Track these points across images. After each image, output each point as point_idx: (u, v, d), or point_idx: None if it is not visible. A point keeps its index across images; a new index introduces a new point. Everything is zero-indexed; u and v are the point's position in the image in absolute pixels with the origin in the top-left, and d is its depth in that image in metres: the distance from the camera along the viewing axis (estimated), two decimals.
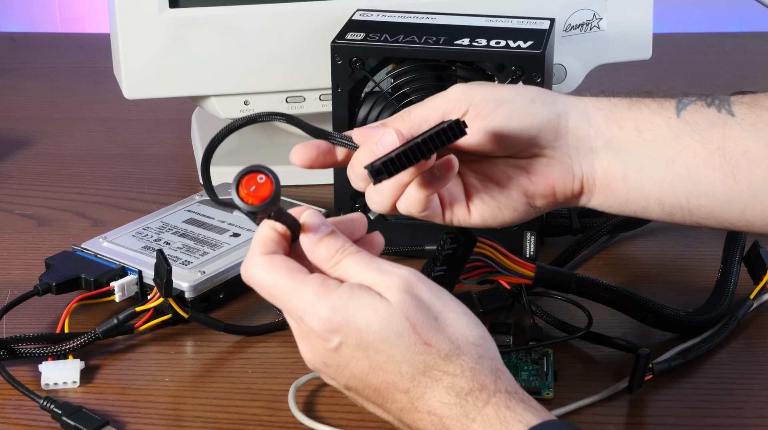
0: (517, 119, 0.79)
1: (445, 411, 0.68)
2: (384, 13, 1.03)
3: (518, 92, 0.80)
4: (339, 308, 0.69)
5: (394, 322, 0.68)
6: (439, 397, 0.69)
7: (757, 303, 0.94)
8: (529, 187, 0.81)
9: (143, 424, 0.83)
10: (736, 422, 0.82)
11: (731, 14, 1.71)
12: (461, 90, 0.79)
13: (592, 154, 0.80)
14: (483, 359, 0.69)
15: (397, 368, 0.69)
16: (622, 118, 0.80)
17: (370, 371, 0.70)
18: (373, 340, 0.69)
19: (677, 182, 0.79)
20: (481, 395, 0.68)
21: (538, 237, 1.01)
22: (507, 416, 0.67)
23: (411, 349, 0.69)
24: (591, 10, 1.16)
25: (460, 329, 0.70)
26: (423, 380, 0.69)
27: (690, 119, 0.79)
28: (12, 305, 0.93)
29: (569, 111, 0.80)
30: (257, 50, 1.13)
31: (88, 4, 1.72)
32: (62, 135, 1.31)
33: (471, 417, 0.68)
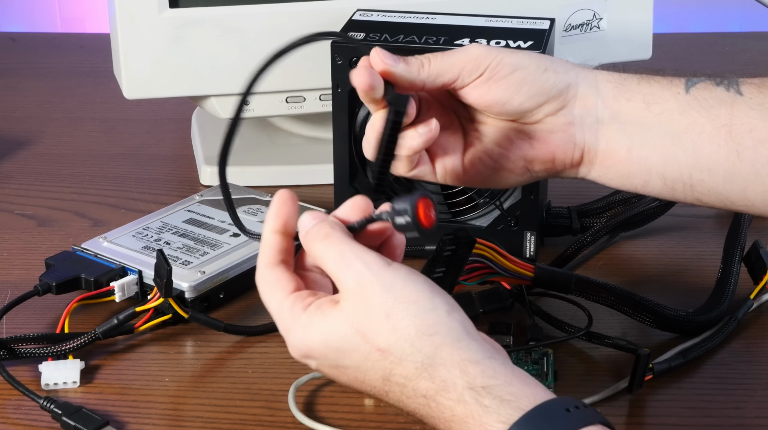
0: (528, 86, 0.80)
1: (424, 411, 0.68)
2: (384, 13, 1.03)
3: (533, 60, 0.81)
4: (302, 338, 0.70)
5: (347, 337, 0.68)
6: (411, 400, 0.68)
7: (757, 303, 0.94)
8: (529, 151, 0.83)
9: (143, 424, 0.83)
10: (736, 422, 0.82)
11: (731, 14, 1.71)
12: (480, 52, 0.80)
13: (597, 124, 0.82)
14: (441, 350, 0.67)
15: (366, 378, 0.69)
16: (631, 91, 0.81)
17: (354, 382, 0.70)
18: (337, 358, 0.69)
19: (681, 157, 0.80)
20: (449, 394, 0.66)
21: (538, 237, 1.01)
22: (483, 417, 0.65)
23: (369, 358, 0.68)
24: (591, 10, 1.16)
25: (412, 321, 0.67)
26: (390, 386, 0.68)
27: (698, 96, 0.80)
28: (12, 305, 0.93)
29: (579, 81, 0.82)
30: (257, 50, 1.13)
31: (88, 4, 1.72)
32: (62, 135, 1.31)
33: (448, 418, 0.66)
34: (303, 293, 0.71)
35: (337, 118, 1.00)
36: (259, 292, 0.73)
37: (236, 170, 1.16)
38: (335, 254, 0.70)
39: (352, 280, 0.69)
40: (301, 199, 1.07)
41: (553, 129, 0.82)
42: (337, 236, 0.71)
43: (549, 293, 0.92)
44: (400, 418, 0.83)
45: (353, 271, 0.69)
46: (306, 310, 0.70)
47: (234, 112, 0.81)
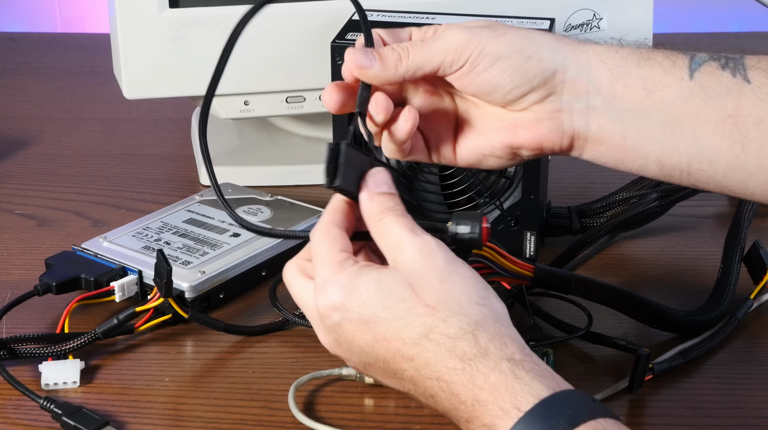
0: (510, 77, 0.77)
1: (452, 376, 0.67)
2: (384, 13, 1.03)
3: (516, 47, 0.77)
4: (343, 284, 0.70)
5: (397, 289, 0.69)
6: (444, 361, 0.68)
7: (757, 303, 0.94)
8: (514, 140, 0.79)
9: (143, 424, 0.83)
10: (736, 422, 0.82)
11: (731, 14, 1.71)
12: (459, 41, 0.77)
13: (587, 110, 0.77)
14: (487, 320, 0.68)
15: (399, 335, 0.69)
16: (629, 75, 0.77)
17: (375, 343, 0.70)
18: (374, 310, 0.69)
19: (681, 146, 0.76)
20: (486, 361, 0.67)
21: (538, 237, 1.01)
22: (515, 386, 0.66)
23: (412, 312, 0.69)
24: (591, 10, 1.16)
25: (464, 289, 0.69)
26: (425, 344, 0.68)
27: (704, 82, 0.76)
28: (12, 305, 0.93)
29: (568, 65, 0.77)
30: (257, 50, 1.13)
31: (88, 4, 1.72)
32: (62, 135, 1.31)
33: (478, 385, 0.66)
34: (354, 257, 0.72)
35: (337, 118, 1.00)
36: (312, 242, 0.73)
37: (236, 170, 1.16)
38: (407, 226, 0.71)
39: (418, 248, 0.70)
40: (301, 200, 1.08)
41: (540, 117, 0.78)
42: (410, 218, 0.72)
43: (549, 292, 0.92)
44: (400, 418, 0.83)
45: (422, 240, 0.70)
46: (357, 264, 0.71)
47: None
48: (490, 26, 0.78)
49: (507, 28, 0.78)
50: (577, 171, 1.19)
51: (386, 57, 0.77)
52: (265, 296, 0.97)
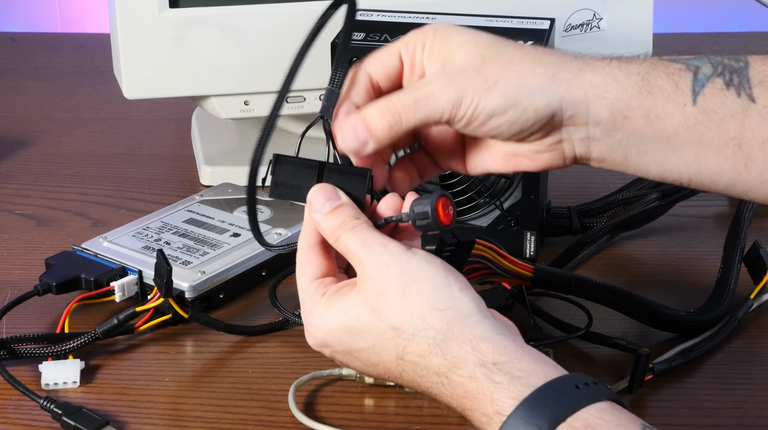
0: (507, 129, 0.75)
1: (438, 389, 0.69)
2: (384, 13, 1.03)
3: (510, 100, 0.74)
4: (318, 325, 0.73)
5: (362, 317, 0.71)
6: (425, 378, 0.69)
7: (757, 303, 0.94)
8: (519, 166, 0.79)
9: (143, 424, 0.83)
10: (736, 421, 0.82)
11: (731, 14, 1.71)
12: (450, 101, 0.75)
13: (587, 140, 0.76)
14: (453, 326, 0.68)
15: (380, 360, 0.71)
16: (630, 107, 0.75)
17: (368, 366, 0.72)
18: (351, 341, 0.71)
19: (682, 166, 0.76)
20: (461, 371, 0.67)
21: (538, 237, 1.01)
22: (493, 392, 0.66)
23: (382, 337, 0.70)
24: (591, 10, 1.16)
25: (425, 298, 0.69)
26: (403, 365, 0.70)
27: (707, 107, 0.74)
28: (12, 305, 0.93)
29: (565, 106, 0.75)
30: (257, 50, 1.13)
31: (88, 4, 1.72)
32: (62, 135, 1.31)
33: (460, 394, 0.67)
34: (327, 280, 0.74)
35: None
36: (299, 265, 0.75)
37: (236, 170, 1.16)
38: (359, 241, 0.72)
39: (372, 263, 0.71)
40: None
41: (540, 149, 0.77)
42: (362, 226, 0.73)
43: (549, 292, 0.92)
44: (400, 418, 0.83)
45: (374, 254, 0.71)
46: (325, 294, 0.73)
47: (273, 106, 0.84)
48: (481, 71, 0.75)
49: (499, 72, 0.75)
50: (577, 171, 1.18)
51: (377, 130, 0.75)
52: (265, 296, 0.97)
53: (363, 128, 0.75)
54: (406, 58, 0.78)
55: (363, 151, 0.76)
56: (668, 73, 0.76)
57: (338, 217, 0.73)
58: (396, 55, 0.78)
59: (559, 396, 0.65)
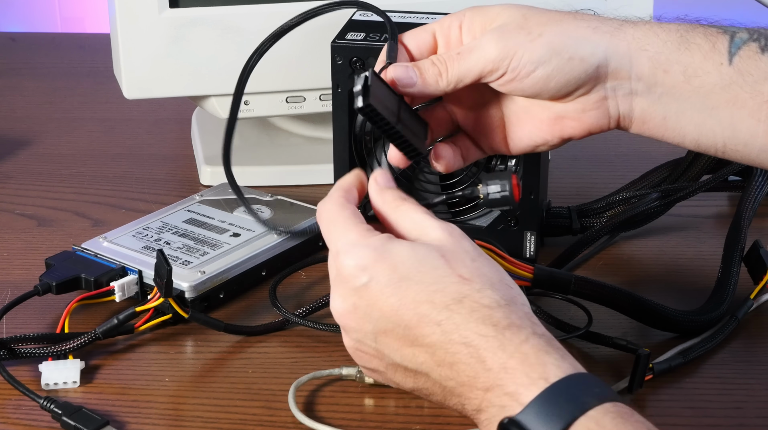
0: (554, 80, 0.77)
1: (482, 342, 0.67)
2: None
3: (555, 49, 0.77)
4: (375, 247, 0.71)
5: (430, 257, 0.70)
6: (475, 327, 0.67)
7: (757, 303, 0.94)
8: (564, 131, 0.80)
9: (143, 424, 0.83)
10: (736, 421, 0.82)
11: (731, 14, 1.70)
12: (497, 53, 0.77)
13: (630, 95, 0.78)
14: (516, 300, 0.69)
15: (430, 298, 0.69)
16: (669, 61, 0.77)
17: (400, 307, 0.69)
18: (407, 273, 0.69)
19: (717, 129, 0.77)
20: (519, 332, 0.67)
21: (538, 237, 1.01)
22: (545, 359, 0.66)
23: (445, 279, 0.69)
24: (591, 11, 1.16)
25: (494, 271, 0.71)
26: (457, 308, 0.68)
27: (743, 68, 0.76)
28: (12, 305, 0.93)
29: (609, 57, 0.77)
30: None
31: (88, 4, 1.72)
32: (62, 135, 1.31)
33: (508, 352, 0.66)
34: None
35: (337, 118, 1.00)
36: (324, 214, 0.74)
37: (236, 170, 1.15)
38: (425, 211, 0.73)
39: (444, 230, 0.72)
40: (301, 200, 1.08)
41: (586, 107, 0.79)
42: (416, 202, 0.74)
43: (549, 292, 0.92)
44: (400, 418, 0.83)
45: (447, 224, 0.72)
46: (386, 234, 0.72)
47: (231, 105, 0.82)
48: (524, 25, 0.78)
49: (542, 26, 0.78)
50: (577, 171, 1.19)
51: (426, 74, 0.78)
52: (265, 296, 0.97)
53: (414, 69, 0.78)
54: (441, 37, 0.81)
55: (411, 86, 0.78)
56: (706, 33, 0.79)
57: (401, 193, 0.75)
58: (430, 33, 0.81)
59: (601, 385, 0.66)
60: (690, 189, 1.04)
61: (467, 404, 0.68)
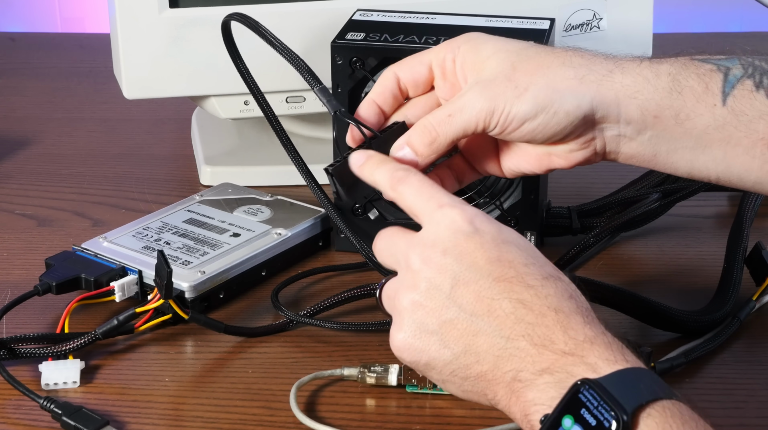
0: (540, 134, 0.79)
1: (572, 313, 0.68)
2: (384, 13, 1.03)
3: (540, 104, 0.77)
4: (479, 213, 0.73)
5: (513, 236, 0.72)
6: (565, 302, 0.68)
7: (759, 304, 0.94)
8: (552, 164, 0.82)
9: (143, 424, 0.83)
10: (736, 421, 0.82)
11: (731, 14, 1.71)
12: (483, 110, 0.78)
13: (618, 137, 0.79)
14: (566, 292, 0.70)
15: (528, 266, 0.70)
16: (660, 107, 0.77)
17: (498, 262, 0.70)
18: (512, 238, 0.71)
19: (710, 165, 0.77)
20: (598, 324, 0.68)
21: (539, 237, 1.01)
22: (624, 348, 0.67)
23: (541, 258, 0.71)
24: (591, 10, 1.16)
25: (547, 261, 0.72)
26: (551, 282, 0.69)
27: (737, 108, 0.76)
28: (12, 305, 0.93)
29: (596, 107, 0.78)
30: (257, 50, 1.13)
31: (88, 4, 1.72)
32: (62, 135, 1.31)
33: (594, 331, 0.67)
34: None
35: (337, 118, 0.99)
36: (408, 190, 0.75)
37: (236, 170, 1.16)
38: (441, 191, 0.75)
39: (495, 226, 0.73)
40: (301, 200, 1.08)
41: (574, 148, 0.80)
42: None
43: None
44: (401, 418, 0.83)
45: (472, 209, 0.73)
46: None
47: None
48: (511, 78, 0.78)
49: (529, 77, 0.78)
50: (577, 171, 1.18)
51: (419, 149, 0.80)
52: (265, 296, 0.97)
53: (409, 150, 0.80)
54: (437, 69, 0.82)
55: (414, 164, 0.80)
56: (699, 74, 0.77)
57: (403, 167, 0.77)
58: (427, 65, 0.82)
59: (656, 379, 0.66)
60: (690, 189, 1.04)
61: (528, 367, 0.67)
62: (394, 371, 0.85)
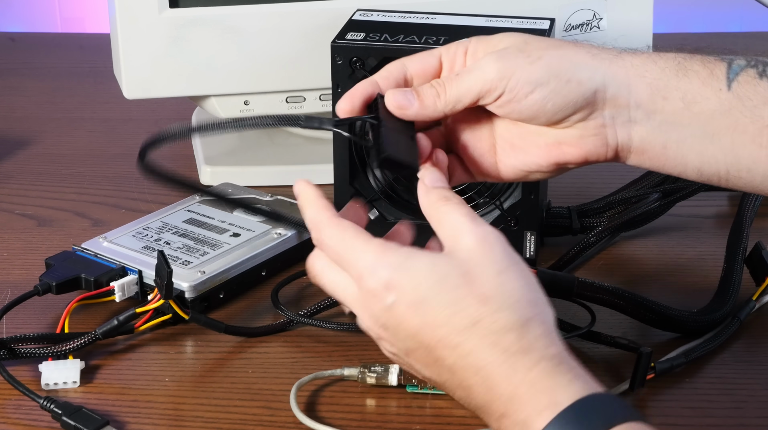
0: (551, 102, 0.77)
1: (492, 369, 0.67)
2: (384, 13, 1.03)
3: (553, 71, 0.77)
4: (397, 265, 0.70)
5: (451, 275, 0.69)
6: (486, 354, 0.68)
7: (759, 304, 0.94)
8: (561, 157, 0.80)
9: (143, 424, 0.83)
10: (736, 421, 0.82)
11: (731, 14, 1.71)
12: (495, 73, 0.77)
13: (629, 123, 0.78)
14: (535, 320, 0.68)
15: (448, 321, 0.69)
16: (668, 88, 0.77)
17: (421, 328, 0.69)
18: (427, 292, 0.69)
19: (719, 155, 0.77)
20: (528, 357, 0.67)
21: (538, 237, 1.01)
22: (554, 384, 0.66)
23: (463, 301, 0.69)
24: (591, 10, 1.16)
25: (520, 286, 0.69)
26: (471, 334, 0.68)
27: (741, 93, 0.76)
28: (12, 305, 0.93)
29: (608, 82, 0.77)
30: (257, 50, 1.13)
31: (88, 4, 1.72)
32: (62, 135, 1.31)
33: (518, 380, 0.67)
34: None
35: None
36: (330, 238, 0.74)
37: (236, 170, 1.16)
38: (465, 214, 0.71)
39: (477, 236, 0.70)
40: None
41: (584, 134, 0.79)
42: (461, 201, 0.73)
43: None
44: (400, 418, 0.83)
45: (482, 229, 0.71)
46: (406, 248, 0.71)
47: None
48: (524, 49, 0.78)
49: (542, 50, 0.78)
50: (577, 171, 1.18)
51: (424, 96, 0.78)
52: (265, 296, 0.97)
53: (413, 92, 0.78)
54: (446, 61, 0.81)
55: (409, 108, 0.77)
56: (704, 61, 0.78)
57: (448, 192, 0.74)
58: (437, 56, 0.81)
59: (613, 404, 0.66)
60: (690, 189, 1.04)
61: (491, 425, 0.68)
62: (394, 371, 0.85)
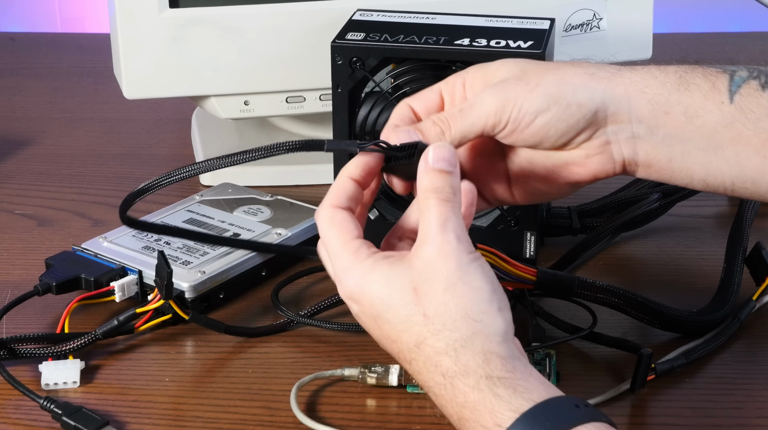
0: (554, 128, 0.78)
1: (439, 391, 0.69)
2: (384, 13, 1.03)
3: (552, 97, 0.78)
4: (358, 278, 0.72)
5: (402, 292, 0.70)
6: (431, 375, 0.69)
7: (759, 304, 0.94)
8: (570, 177, 0.81)
9: (143, 424, 0.83)
10: (736, 422, 0.82)
11: (731, 14, 1.71)
12: (496, 105, 0.78)
13: (633, 139, 0.79)
14: (476, 337, 0.69)
15: (400, 338, 0.71)
16: (669, 103, 0.78)
17: (382, 339, 0.73)
18: (381, 310, 0.71)
19: (724, 167, 0.78)
20: (466, 379, 0.68)
21: (538, 237, 1.01)
22: (494, 404, 0.66)
23: (411, 319, 0.70)
24: (591, 10, 1.16)
25: (465, 303, 0.70)
26: (418, 353, 0.70)
27: (744, 106, 0.77)
28: (12, 305, 0.93)
29: (608, 101, 0.78)
30: (257, 50, 1.13)
31: (88, 4, 1.72)
32: (62, 135, 1.31)
33: (460, 403, 0.68)
34: (367, 242, 0.74)
35: (337, 118, 1.00)
36: (320, 230, 0.75)
37: (236, 170, 1.16)
38: (440, 217, 0.71)
39: (435, 245, 0.71)
40: (301, 200, 1.08)
41: (590, 153, 0.80)
42: (452, 206, 0.72)
43: None
44: (400, 418, 0.83)
45: (442, 238, 0.71)
46: (371, 257, 0.72)
47: None
48: (522, 78, 0.79)
49: (539, 76, 0.79)
50: None
51: (428, 134, 0.79)
52: (265, 296, 0.97)
53: (416, 132, 0.78)
54: (447, 94, 0.82)
55: None
56: (705, 74, 0.78)
57: (441, 180, 0.73)
58: (437, 92, 0.82)
59: (559, 412, 0.66)
60: (690, 189, 1.04)
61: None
62: (394, 372, 0.85)
